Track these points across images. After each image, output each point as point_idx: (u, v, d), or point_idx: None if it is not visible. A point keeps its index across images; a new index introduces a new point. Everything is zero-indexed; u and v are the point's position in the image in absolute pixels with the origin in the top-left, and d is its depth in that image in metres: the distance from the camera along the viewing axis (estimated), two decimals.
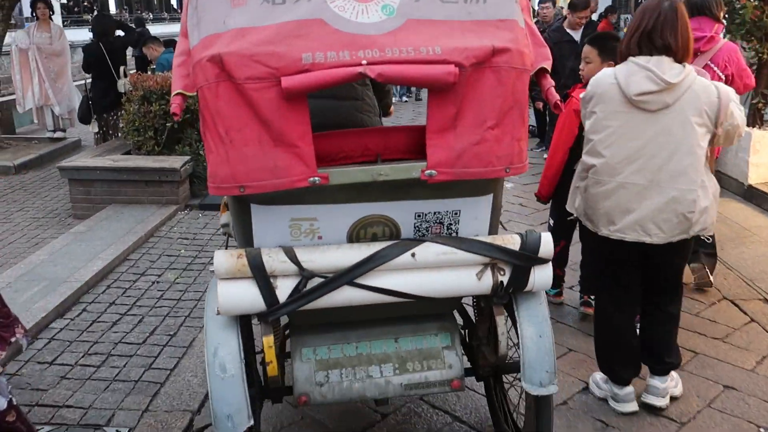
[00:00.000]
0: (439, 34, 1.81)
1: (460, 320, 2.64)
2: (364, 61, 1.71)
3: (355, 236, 2.05)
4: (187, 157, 5.96)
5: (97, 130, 7.30)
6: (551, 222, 3.92)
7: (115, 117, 7.22)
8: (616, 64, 2.87)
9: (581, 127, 3.12)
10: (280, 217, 1.97)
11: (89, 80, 7.49)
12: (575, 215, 3.00)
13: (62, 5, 27.96)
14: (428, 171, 1.84)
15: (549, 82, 2.04)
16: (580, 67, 3.67)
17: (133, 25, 8.23)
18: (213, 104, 1.76)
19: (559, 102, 2.05)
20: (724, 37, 4.37)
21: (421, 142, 1.91)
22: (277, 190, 1.81)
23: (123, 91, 6.67)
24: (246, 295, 1.94)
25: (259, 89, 1.71)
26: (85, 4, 31.40)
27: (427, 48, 1.76)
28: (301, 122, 1.76)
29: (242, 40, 1.73)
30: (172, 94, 1.92)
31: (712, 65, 3.74)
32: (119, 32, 7.63)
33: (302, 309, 1.98)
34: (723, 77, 3.70)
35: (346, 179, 1.86)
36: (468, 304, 2.83)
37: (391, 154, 2.26)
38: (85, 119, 7.36)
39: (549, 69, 2.05)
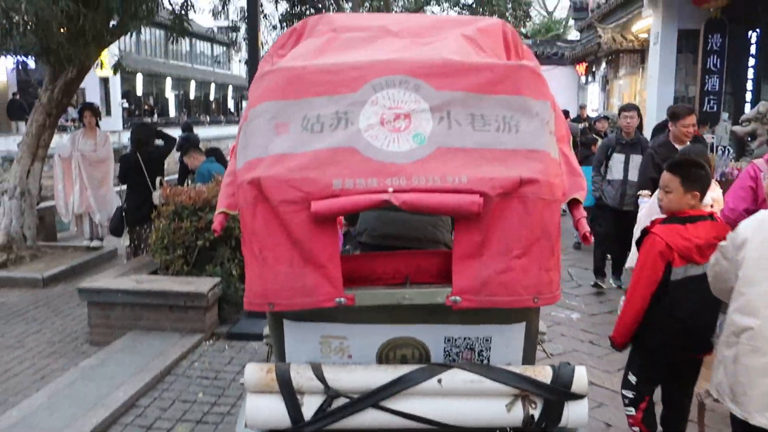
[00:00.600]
0: (468, 162, 1.85)
1: None
2: (390, 189, 1.79)
3: (384, 357, 2.06)
4: (217, 279, 5.40)
5: (128, 243, 6.88)
6: (631, 376, 3.19)
7: (148, 230, 6.81)
8: (702, 194, 2.72)
9: (667, 270, 2.87)
10: (311, 334, 2.02)
11: (125, 190, 7.18)
12: (715, 394, 2.27)
13: (124, 109, 29.17)
14: (453, 297, 1.87)
15: (580, 213, 2.06)
16: (659, 197, 3.12)
17: (174, 134, 7.89)
18: (250, 224, 1.89)
19: (588, 234, 2.02)
20: None
21: (450, 267, 1.91)
22: (304, 309, 1.88)
23: (158, 203, 6.27)
24: (273, 410, 1.96)
25: (292, 212, 1.82)
26: (146, 107, 32.78)
27: (453, 177, 1.81)
28: (330, 244, 1.84)
29: (280, 165, 1.85)
30: (217, 211, 2.10)
31: None
32: (159, 141, 7.34)
33: (327, 428, 1.96)
34: None
35: (372, 301, 1.92)
36: None
37: (420, 277, 2.25)
38: (117, 231, 6.97)
39: (582, 199, 2.07)
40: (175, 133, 9.48)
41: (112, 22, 7.22)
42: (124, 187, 7.12)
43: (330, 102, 1.94)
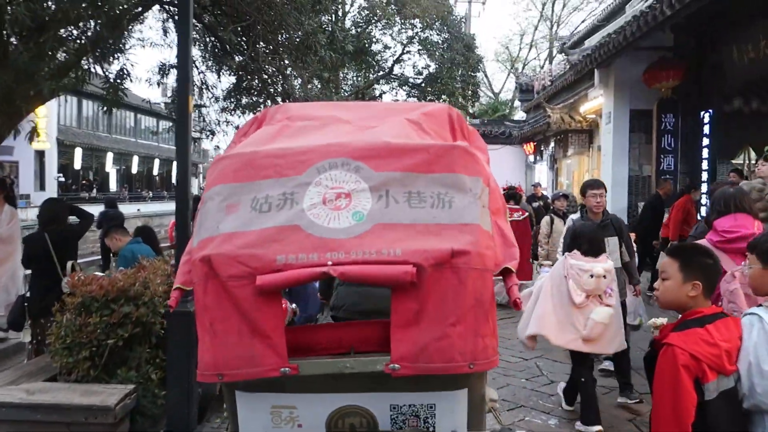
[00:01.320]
0: (403, 237, 1.99)
1: None
2: (329, 262, 1.92)
3: (333, 425, 2.13)
4: (130, 387, 4.42)
5: (30, 339, 5.80)
6: None
7: (53, 324, 5.77)
8: (706, 288, 2.43)
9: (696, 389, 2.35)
10: (262, 405, 2.11)
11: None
12: None
13: (59, 183, 27.78)
14: (392, 365, 1.94)
15: (512, 281, 2.13)
16: (655, 285, 2.72)
17: (91, 211, 6.91)
18: (202, 299, 2.01)
19: (518, 300, 2.11)
20: None
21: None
22: (250, 379, 1.96)
23: (67, 291, 5.29)
24: None
25: (239, 286, 1.94)
26: (84, 182, 31.40)
27: (388, 250, 1.94)
28: (274, 316, 1.95)
29: (229, 243, 1.99)
30: (173, 287, 2.22)
31: None
32: (73, 218, 6.39)
33: None
34: None
35: (315, 370, 2.01)
36: None
37: (364, 346, 2.30)
38: (16, 325, 5.88)
39: (514, 269, 2.14)
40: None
41: (31, 91, 6.41)
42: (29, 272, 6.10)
43: (277, 184, 2.08)
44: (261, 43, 7.44)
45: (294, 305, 5.12)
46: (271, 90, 10.64)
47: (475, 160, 2.22)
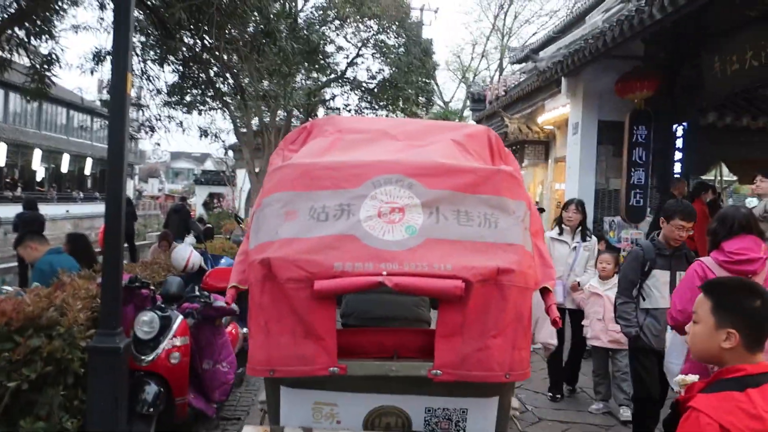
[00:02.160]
0: (452, 252, 2.12)
1: None
2: (384, 272, 2.04)
3: (370, 424, 2.26)
4: None
5: None
6: None
7: None
8: (750, 343, 1.84)
9: None
10: (305, 400, 2.24)
11: None
12: None
13: None
14: (434, 371, 2.07)
15: (551, 300, 2.30)
16: (686, 328, 2.17)
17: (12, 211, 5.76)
18: (258, 299, 2.14)
19: (558, 319, 2.33)
20: None
21: (432, 344, 2.11)
22: (301, 376, 2.08)
23: None
24: None
25: (296, 289, 2.06)
26: (8, 180, 29.21)
27: (440, 264, 2.06)
28: (328, 319, 2.07)
29: (288, 247, 2.12)
30: (228, 286, 2.34)
31: None
32: None
33: None
34: None
35: (362, 371, 2.13)
36: None
37: (407, 352, 2.43)
38: None
39: (552, 288, 2.31)
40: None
41: None
42: None
43: (334, 195, 2.22)
44: (213, 29, 6.43)
45: (246, 329, 4.80)
46: (220, 87, 9.66)
47: (518, 184, 2.36)
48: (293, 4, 16.20)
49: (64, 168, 34.11)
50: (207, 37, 6.96)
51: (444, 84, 32.10)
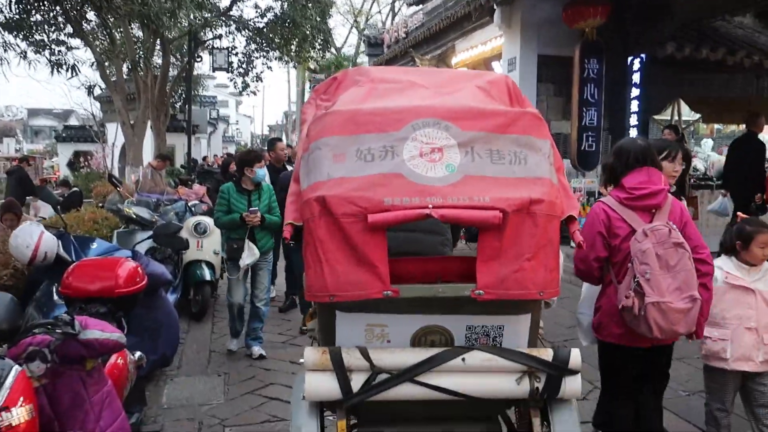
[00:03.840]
0: (489, 187, 2.26)
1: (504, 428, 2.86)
2: (430, 206, 2.18)
3: (417, 342, 2.44)
4: None
5: None
6: None
7: None
8: None
9: None
10: (358, 323, 2.41)
11: None
12: None
13: None
14: (477, 291, 2.23)
15: (575, 226, 2.44)
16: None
17: None
18: (315, 232, 2.25)
19: (582, 242, 2.49)
20: None
21: (471, 270, 2.30)
22: (358, 300, 2.24)
23: None
24: (327, 385, 2.34)
25: (351, 222, 2.20)
26: None
27: (479, 197, 2.22)
28: (380, 248, 2.22)
29: (341, 186, 2.24)
30: (285, 222, 2.45)
31: (671, 224, 2.93)
32: None
33: (370, 400, 2.34)
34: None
35: (412, 294, 2.30)
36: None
37: (448, 277, 2.64)
38: None
39: (576, 216, 2.46)
40: None
41: None
42: None
43: (378, 138, 2.33)
44: None
45: (138, 353, 3.76)
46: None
47: (543, 124, 2.51)
48: None
49: None
50: None
51: (334, 29, 29.84)
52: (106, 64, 14.20)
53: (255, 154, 5.66)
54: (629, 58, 8.67)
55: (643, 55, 8.47)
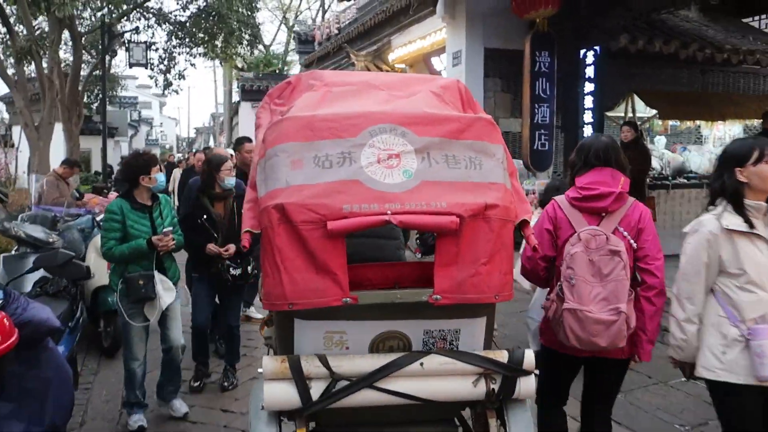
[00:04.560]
0: (445, 192, 2.31)
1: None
2: (389, 212, 2.21)
3: (375, 348, 2.44)
4: None
5: None
6: None
7: None
8: None
9: None
10: (317, 330, 2.39)
11: None
12: None
13: None
14: (435, 296, 2.27)
15: (529, 230, 2.49)
16: None
17: None
18: (273, 240, 2.25)
19: (536, 245, 2.58)
20: None
21: (428, 274, 2.41)
22: (316, 308, 2.24)
23: None
24: (286, 393, 2.32)
25: (309, 230, 2.21)
26: None
27: (436, 202, 2.26)
28: (339, 255, 2.23)
29: (299, 193, 2.25)
30: (243, 230, 2.46)
31: (623, 230, 2.80)
32: None
33: (329, 408, 2.33)
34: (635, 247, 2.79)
35: (371, 300, 2.32)
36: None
37: (406, 282, 2.74)
38: None
39: (530, 220, 2.48)
40: None
41: None
42: None
43: (335, 144, 2.35)
44: None
45: None
46: None
47: (496, 130, 2.54)
48: None
49: None
50: None
51: (263, 26, 28.55)
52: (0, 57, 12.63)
53: (148, 156, 4.22)
54: (582, 51, 8.14)
55: (597, 48, 7.95)
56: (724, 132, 9.58)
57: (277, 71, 25.81)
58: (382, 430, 2.64)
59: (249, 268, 4.55)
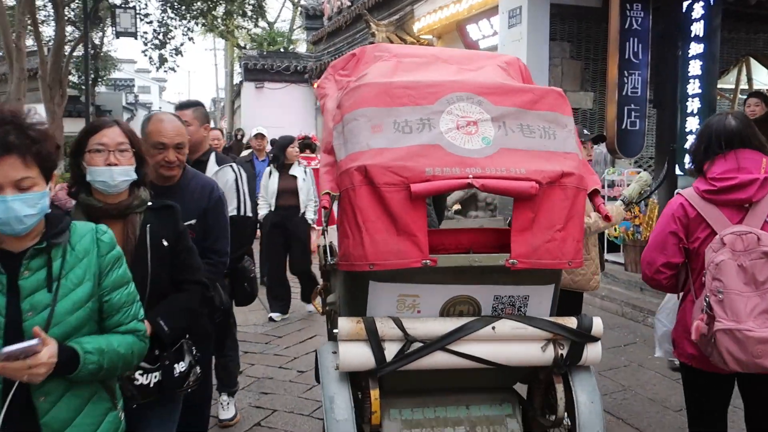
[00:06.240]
0: (523, 159, 2.34)
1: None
2: (470, 175, 2.24)
3: (445, 312, 2.48)
4: None
5: None
6: None
7: None
8: None
9: None
10: (391, 293, 2.42)
11: None
12: None
13: None
14: (511, 260, 2.29)
15: (599, 200, 2.60)
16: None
17: None
18: (355, 201, 2.26)
19: (609, 214, 2.65)
20: None
21: (500, 240, 2.57)
22: (397, 269, 2.26)
23: None
24: (361, 354, 2.35)
25: (392, 192, 2.23)
26: None
27: (515, 169, 2.30)
28: (420, 218, 2.26)
29: (381, 156, 2.27)
30: (321, 192, 2.44)
31: None
32: None
33: (399, 370, 2.36)
34: None
35: (450, 263, 2.33)
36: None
37: (478, 248, 2.68)
38: None
39: (599, 190, 2.61)
40: None
41: None
42: None
43: (414, 111, 2.38)
44: None
45: None
46: None
47: (567, 103, 2.59)
48: None
49: None
50: None
51: (266, 1, 26.46)
52: None
53: None
54: (687, 2, 6.27)
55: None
56: None
57: (282, 50, 23.86)
58: (446, 396, 2.70)
59: (182, 365, 2.30)
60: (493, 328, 2.40)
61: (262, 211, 6.13)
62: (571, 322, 2.47)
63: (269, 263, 6.52)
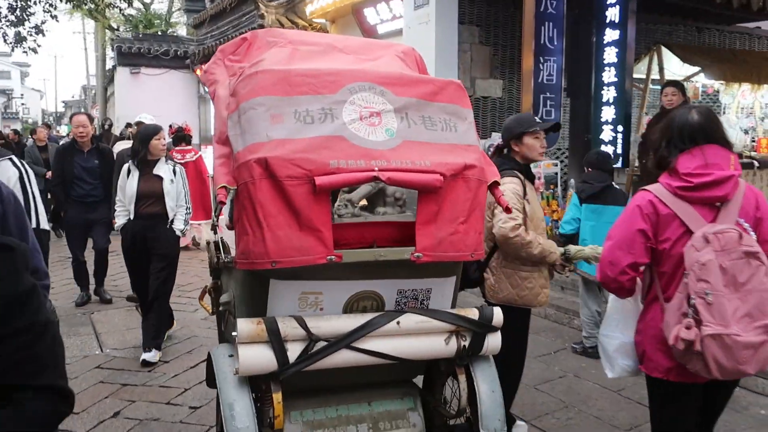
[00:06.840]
0: (428, 151, 2.34)
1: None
2: (376, 168, 2.22)
3: (349, 308, 2.46)
4: None
5: None
6: None
7: None
8: None
9: None
10: (293, 291, 2.36)
11: None
12: None
13: None
14: (416, 253, 2.30)
15: (500, 192, 2.56)
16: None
17: None
18: (255, 196, 2.18)
19: (510, 207, 2.69)
20: None
21: (405, 234, 2.44)
22: (302, 265, 2.19)
23: None
24: (262, 357, 2.27)
25: (294, 185, 2.16)
26: None
27: (420, 161, 2.29)
28: (324, 212, 2.22)
29: (283, 148, 2.19)
30: (218, 186, 2.30)
31: (743, 222, 2.29)
32: None
33: (302, 371, 2.29)
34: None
35: (355, 258, 2.29)
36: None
37: (382, 242, 2.58)
38: None
39: (499, 182, 2.56)
40: None
41: None
42: None
43: (315, 100, 2.32)
44: None
45: None
46: None
47: (466, 95, 2.60)
48: None
49: None
50: None
51: None
52: None
53: None
54: None
55: None
56: (754, 100, 7.86)
57: (160, 33, 22.08)
58: (347, 393, 2.69)
59: None
60: (398, 322, 2.41)
61: (120, 220, 4.92)
62: (473, 313, 2.52)
63: (135, 285, 5.27)
